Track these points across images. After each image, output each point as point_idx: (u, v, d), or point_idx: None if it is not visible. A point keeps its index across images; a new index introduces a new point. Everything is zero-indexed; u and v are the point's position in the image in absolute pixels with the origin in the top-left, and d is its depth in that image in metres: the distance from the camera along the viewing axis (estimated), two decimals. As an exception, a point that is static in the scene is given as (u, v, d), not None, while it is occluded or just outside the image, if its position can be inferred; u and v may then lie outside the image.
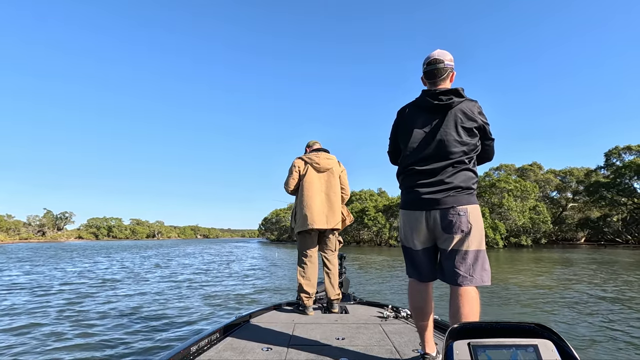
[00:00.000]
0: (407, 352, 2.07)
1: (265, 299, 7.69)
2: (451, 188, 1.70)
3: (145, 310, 6.17)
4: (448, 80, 1.83)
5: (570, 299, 7.21)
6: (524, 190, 40.50)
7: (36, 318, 5.55)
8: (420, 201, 1.74)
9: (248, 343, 2.26)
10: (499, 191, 40.81)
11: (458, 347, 0.96)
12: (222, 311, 6.22)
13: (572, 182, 48.45)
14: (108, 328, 4.96)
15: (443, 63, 1.79)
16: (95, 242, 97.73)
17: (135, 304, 6.79)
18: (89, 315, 5.81)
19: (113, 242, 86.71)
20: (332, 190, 3.32)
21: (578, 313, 5.92)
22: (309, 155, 3.37)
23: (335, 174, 3.36)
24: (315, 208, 3.22)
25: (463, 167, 1.73)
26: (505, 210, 39.06)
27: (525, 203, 40.23)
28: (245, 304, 7.04)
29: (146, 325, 5.09)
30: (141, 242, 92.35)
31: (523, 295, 7.76)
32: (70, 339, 4.44)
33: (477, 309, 1.63)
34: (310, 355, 2.03)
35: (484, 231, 1.73)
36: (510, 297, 7.49)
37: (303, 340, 2.34)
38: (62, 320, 5.41)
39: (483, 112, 1.79)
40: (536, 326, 0.98)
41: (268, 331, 2.56)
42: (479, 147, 1.79)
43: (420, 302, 1.84)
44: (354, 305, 3.52)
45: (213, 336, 2.29)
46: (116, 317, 5.62)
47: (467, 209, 1.68)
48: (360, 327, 2.66)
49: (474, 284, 1.65)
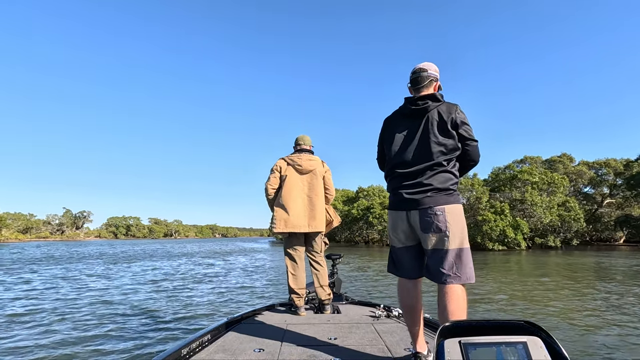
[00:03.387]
0: (399, 351, 2.10)
1: (258, 300, 7.56)
2: (429, 189, 1.77)
3: (135, 312, 6.15)
4: (431, 89, 1.92)
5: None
6: (551, 183, 35.35)
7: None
8: (403, 202, 1.84)
9: (240, 344, 2.25)
10: (521, 184, 35.88)
11: (449, 346, 1.00)
12: (214, 312, 6.19)
13: (608, 174, 42.41)
14: (98, 331, 4.92)
15: (426, 72, 1.92)
16: (114, 240, 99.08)
17: (125, 304, 6.81)
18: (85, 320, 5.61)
19: (131, 241, 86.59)
20: (314, 192, 3.28)
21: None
22: (291, 157, 3.34)
23: (318, 175, 3.31)
24: (296, 210, 3.20)
25: (441, 169, 1.79)
26: (529, 206, 34.15)
27: (553, 198, 35.08)
28: (237, 305, 6.96)
29: (139, 327, 5.08)
30: (159, 241, 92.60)
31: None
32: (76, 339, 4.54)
33: (463, 306, 1.67)
34: (302, 355, 2.04)
35: (465, 230, 1.78)
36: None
37: (295, 340, 2.34)
38: (60, 321, 5.42)
39: (462, 113, 1.83)
40: (525, 323, 1.02)
41: (260, 332, 2.54)
42: (458, 148, 1.82)
43: (409, 300, 1.89)
44: (346, 305, 3.52)
45: (204, 338, 2.27)
46: (110, 320, 5.56)
47: (445, 209, 1.74)
48: (352, 327, 2.68)
49: (458, 282, 1.69)
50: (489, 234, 32.65)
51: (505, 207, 33.72)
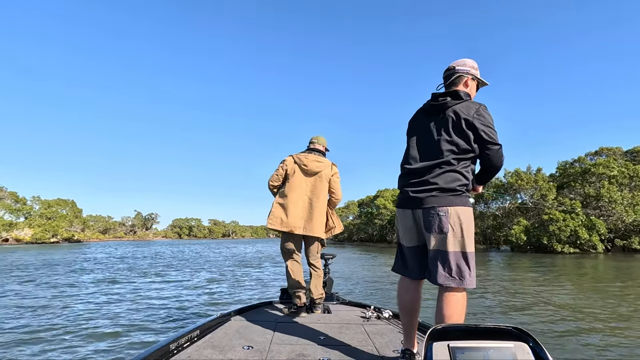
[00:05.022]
0: (387, 352, 2.10)
1: (249, 298, 7.61)
2: (434, 189, 1.72)
3: (123, 310, 6.24)
4: (460, 85, 1.87)
5: None
6: (634, 176, 30.85)
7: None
8: (409, 200, 1.80)
9: (229, 341, 2.25)
10: (596, 179, 31.79)
11: (437, 349, 1.01)
12: (203, 309, 6.21)
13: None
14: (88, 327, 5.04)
15: (454, 69, 1.88)
16: (178, 240, 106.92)
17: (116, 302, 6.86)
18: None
19: (193, 241, 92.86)
20: (315, 196, 3.21)
21: None
22: (300, 155, 3.29)
23: (323, 178, 3.24)
24: (294, 211, 3.15)
25: (449, 168, 1.73)
26: (606, 203, 30.11)
27: (637, 194, 30.57)
28: (227, 302, 6.97)
29: (127, 323, 5.19)
30: (217, 241, 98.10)
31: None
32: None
33: (461, 311, 1.63)
34: (291, 354, 2.03)
35: (471, 234, 1.71)
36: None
37: (285, 339, 2.33)
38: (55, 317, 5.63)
39: (485, 114, 1.73)
40: (513, 329, 1.03)
41: (249, 330, 2.53)
42: (475, 149, 1.75)
43: (408, 300, 1.87)
44: (336, 305, 3.53)
45: (193, 333, 2.25)
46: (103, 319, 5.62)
47: (449, 210, 1.68)
48: (342, 327, 2.67)
49: (455, 285, 1.65)
50: (557, 235, 29.40)
51: (577, 205, 30.12)
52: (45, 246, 44.25)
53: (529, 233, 32.36)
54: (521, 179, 35.23)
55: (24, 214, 61.86)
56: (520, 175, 35.79)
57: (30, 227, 57.85)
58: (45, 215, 62.55)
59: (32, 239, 55.87)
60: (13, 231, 56.07)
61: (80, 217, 74.40)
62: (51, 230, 59.25)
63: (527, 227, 32.91)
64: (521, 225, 33.14)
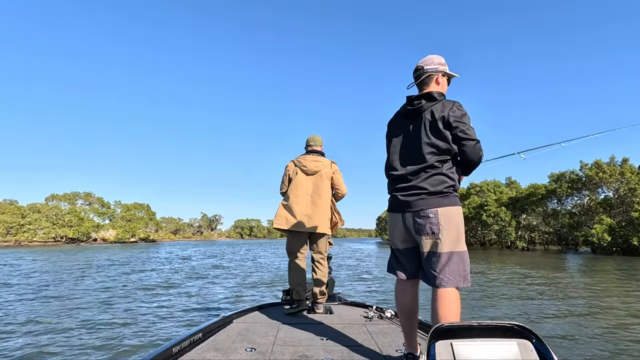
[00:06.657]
0: (390, 352, 2.09)
1: (250, 298, 7.63)
2: (422, 192, 1.74)
3: (123, 312, 6.15)
4: (432, 85, 1.88)
5: None
6: None
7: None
8: (398, 204, 1.84)
9: (232, 343, 2.24)
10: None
11: (440, 347, 1.01)
12: (204, 311, 6.22)
13: None
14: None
15: (423, 69, 1.89)
16: (240, 240, 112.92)
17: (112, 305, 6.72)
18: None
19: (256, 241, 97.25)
20: (317, 194, 3.32)
21: None
22: (299, 158, 3.44)
23: (324, 177, 3.35)
24: (298, 210, 3.26)
25: (435, 172, 1.74)
26: None
27: None
28: (230, 303, 6.99)
29: (132, 326, 5.15)
30: (275, 241, 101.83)
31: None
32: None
33: (455, 311, 1.64)
34: (294, 355, 2.03)
35: (461, 233, 1.73)
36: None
37: (287, 340, 2.33)
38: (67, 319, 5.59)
39: (459, 111, 1.75)
40: (516, 326, 1.03)
41: (252, 331, 2.53)
42: (452, 149, 1.75)
43: (405, 301, 1.89)
44: (338, 305, 3.53)
45: (196, 336, 2.25)
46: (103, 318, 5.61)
47: (438, 212, 1.70)
48: (344, 327, 2.66)
49: (450, 285, 1.66)
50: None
51: None
52: (127, 245, 49.49)
53: (614, 233, 28.46)
54: (603, 172, 31.16)
55: (108, 216, 70.00)
56: (601, 167, 31.66)
57: (113, 228, 65.24)
58: (125, 218, 70.00)
59: (115, 238, 63.01)
60: (100, 232, 63.70)
61: (154, 219, 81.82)
62: (130, 231, 66.23)
63: (611, 225, 28.98)
64: (604, 223, 29.29)
